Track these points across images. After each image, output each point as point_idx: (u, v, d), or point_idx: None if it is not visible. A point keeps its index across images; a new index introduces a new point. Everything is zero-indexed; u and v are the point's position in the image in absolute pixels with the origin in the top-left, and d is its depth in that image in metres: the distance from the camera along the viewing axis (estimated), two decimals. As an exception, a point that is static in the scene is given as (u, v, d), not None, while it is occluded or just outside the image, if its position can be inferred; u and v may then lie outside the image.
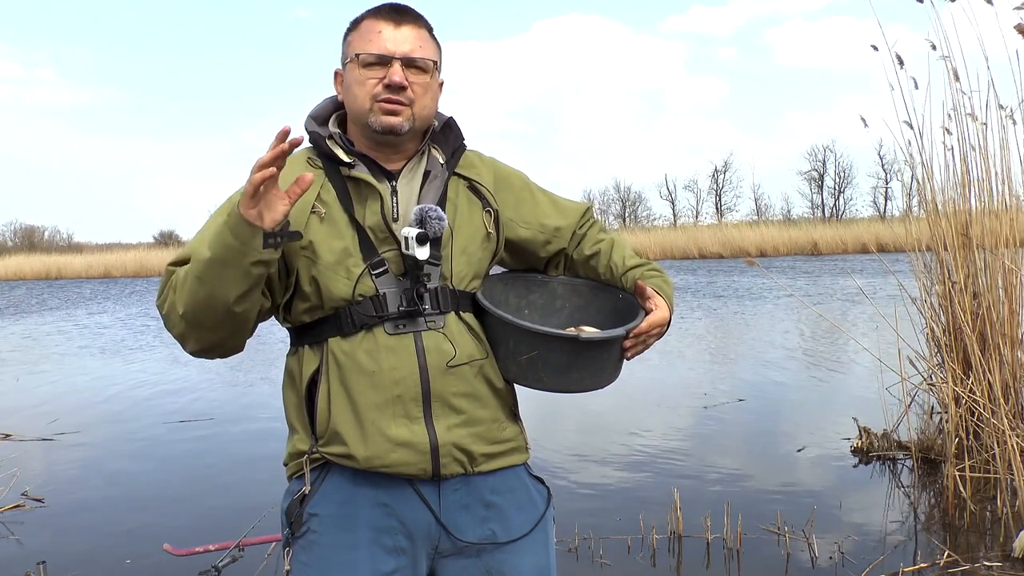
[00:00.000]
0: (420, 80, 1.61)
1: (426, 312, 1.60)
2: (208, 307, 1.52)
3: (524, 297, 1.81)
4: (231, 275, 1.48)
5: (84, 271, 41.89)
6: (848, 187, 58.80)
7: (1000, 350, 4.66)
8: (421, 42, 1.62)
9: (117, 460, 6.03)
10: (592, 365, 1.64)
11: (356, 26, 1.65)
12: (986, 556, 3.71)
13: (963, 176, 4.92)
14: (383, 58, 1.59)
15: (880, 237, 29.28)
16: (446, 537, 1.62)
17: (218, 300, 1.50)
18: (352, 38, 1.64)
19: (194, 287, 1.51)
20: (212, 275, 1.49)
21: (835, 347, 10.22)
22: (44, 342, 14.21)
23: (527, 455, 1.75)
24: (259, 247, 1.46)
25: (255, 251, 1.46)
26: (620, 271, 1.79)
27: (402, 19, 1.62)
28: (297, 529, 1.63)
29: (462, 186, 1.71)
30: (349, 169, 1.62)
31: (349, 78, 1.63)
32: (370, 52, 1.60)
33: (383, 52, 1.59)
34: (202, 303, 1.51)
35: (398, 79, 1.58)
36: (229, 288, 1.49)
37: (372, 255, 1.60)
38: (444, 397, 1.59)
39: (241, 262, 1.47)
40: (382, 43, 1.60)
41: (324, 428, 1.60)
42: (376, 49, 1.59)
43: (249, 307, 1.55)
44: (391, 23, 1.61)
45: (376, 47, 1.60)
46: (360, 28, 1.63)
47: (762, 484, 4.89)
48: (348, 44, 1.65)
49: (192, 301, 1.52)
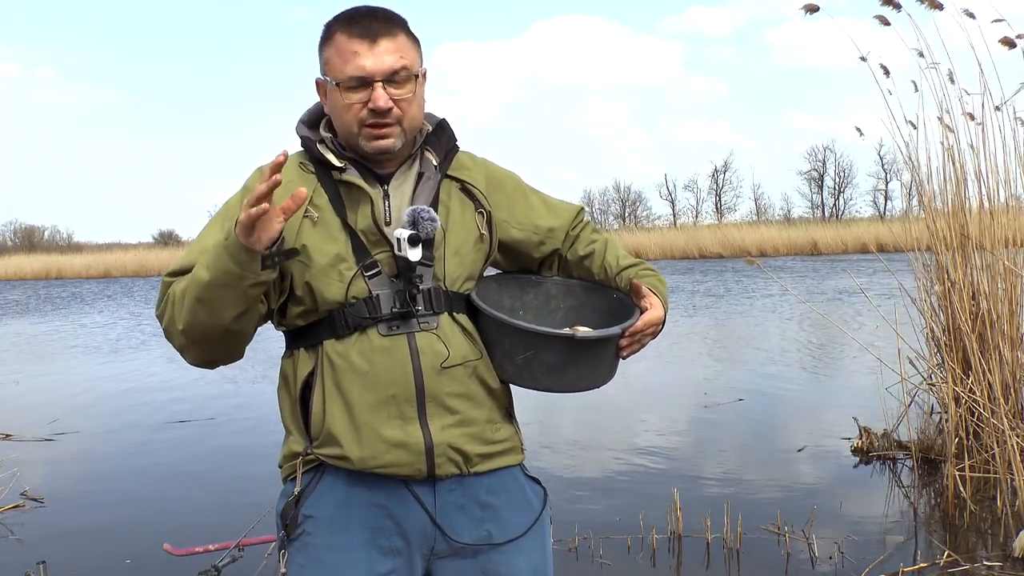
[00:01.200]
0: (404, 93, 1.58)
1: (419, 313, 1.59)
2: (208, 326, 1.53)
3: (519, 298, 1.81)
4: (230, 297, 1.49)
5: (84, 271, 41.89)
6: (848, 187, 58.92)
7: (1000, 350, 4.66)
8: (400, 52, 1.58)
9: (117, 460, 6.03)
10: (588, 364, 1.64)
11: (330, 39, 1.59)
12: (986, 556, 3.71)
13: (960, 176, 4.92)
14: (363, 80, 1.55)
15: (880, 237, 29.19)
16: (442, 538, 1.62)
17: (217, 320, 1.52)
18: (328, 55, 1.59)
19: (193, 307, 1.52)
20: (211, 297, 1.50)
21: (835, 347, 10.23)
22: (44, 342, 14.22)
23: (522, 456, 1.75)
24: (257, 270, 1.47)
25: (253, 274, 1.47)
26: (614, 271, 1.79)
27: (375, 33, 1.56)
28: (292, 531, 1.63)
29: (454, 188, 1.70)
30: (340, 173, 1.61)
31: (332, 99, 1.60)
32: (350, 76, 1.56)
33: (362, 75, 1.55)
34: (202, 323, 1.53)
35: (383, 104, 1.55)
36: (228, 309, 1.51)
37: (365, 258, 1.60)
38: (438, 397, 1.59)
39: (240, 285, 1.48)
40: (360, 64, 1.55)
41: (319, 430, 1.60)
42: (355, 72, 1.55)
43: (248, 322, 1.57)
44: (366, 40, 1.55)
45: (354, 69, 1.55)
46: (335, 44, 1.58)
47: (762, 484, 4.89)
48: (325, 60, 1.60)
49: (192, 320, 1.53)
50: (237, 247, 1.44)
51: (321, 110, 1.70)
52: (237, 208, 1.60)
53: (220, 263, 1.47)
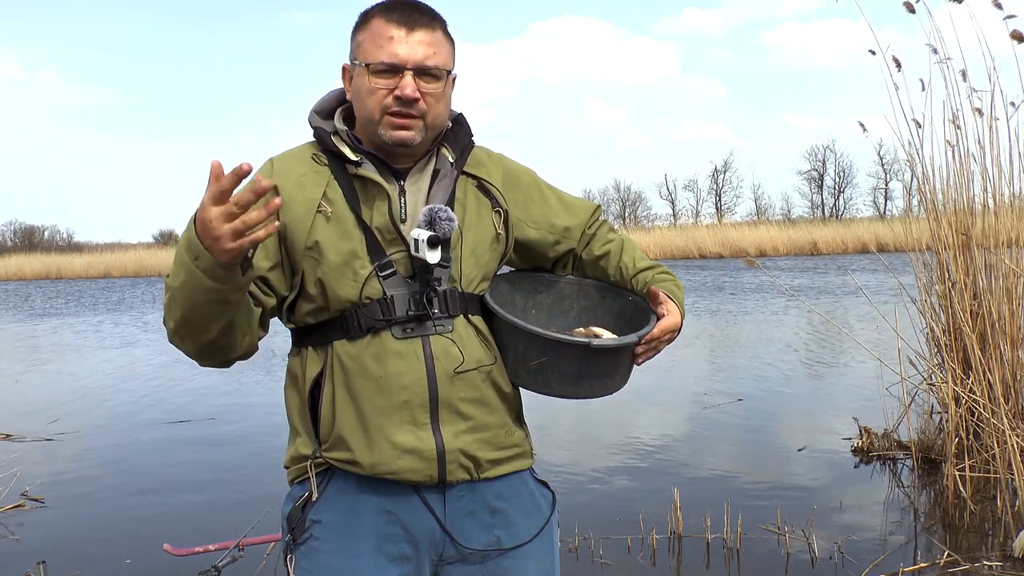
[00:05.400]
0: (433, 89, 1.54)
1: (435, 316, 1.55)
2: (208, 341, 1.49)
3: (531, 297, 1.77)
4: (219, 310, 1.44)
5: (84, 271, 41.87)
6: (848, 187, 58.88)
7: (1000, 350, 4.65)
8: (435, 47, 1.54)
9: (117, 460, 6.02)
10: (603, 372, 1.60)
11: (366, 23, 1.56)
12: (986, 556, 3.70)
13: (967, 174, 4.92)
14: (394, 67, 1.51)
15: (880, 237, 29.21)
16: (451, 544, 1.59)
17: (213, 331, 1.47)
18: (362, 38, 1.55)
19: (187, 327, 1.47)
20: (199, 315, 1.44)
21: (835, 347, 10.22)
22: (44, 342, 14.21)
23: (532, 460, 1.71)
24: (240, 278, 1.41)
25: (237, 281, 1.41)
26: (630, 273, 1.76)
27: (415, 22, 1.53)
28: (299, 535, 1.60)
29: (471, 185, 1.65)
30: (356, 167, 1.56)
31: (358, 83, 1.55)
32: (380, 60, 1.51)
33: (394, 61, 1.51)
34: (203, 341, 1.49)
35: (410, 92, 1.50)
36: (219, 320, 1.45)
37: (380, 257, 1.55)
38: (452, 403, 1.55)
39: (228, 296, 1.42)
40: (393, 50, 1.51)
41: (328, 433, 1.56)
42: (387, 57, 1.51)
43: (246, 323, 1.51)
44: (403, 27, 1.52)
45: (387, 55, 1.51)
46: (370, 28, 1.54)
47: (762, 484, 4.88)
48: (357, 44, 1.56)
49: (191, 337, 1.49)
50: (215, 267, 1.36)
51: (335, 100, 1.65)
52: None
53: (201, 288, 1.39)
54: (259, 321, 1.57)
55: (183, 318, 1.46)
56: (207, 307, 1.43)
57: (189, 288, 1.40)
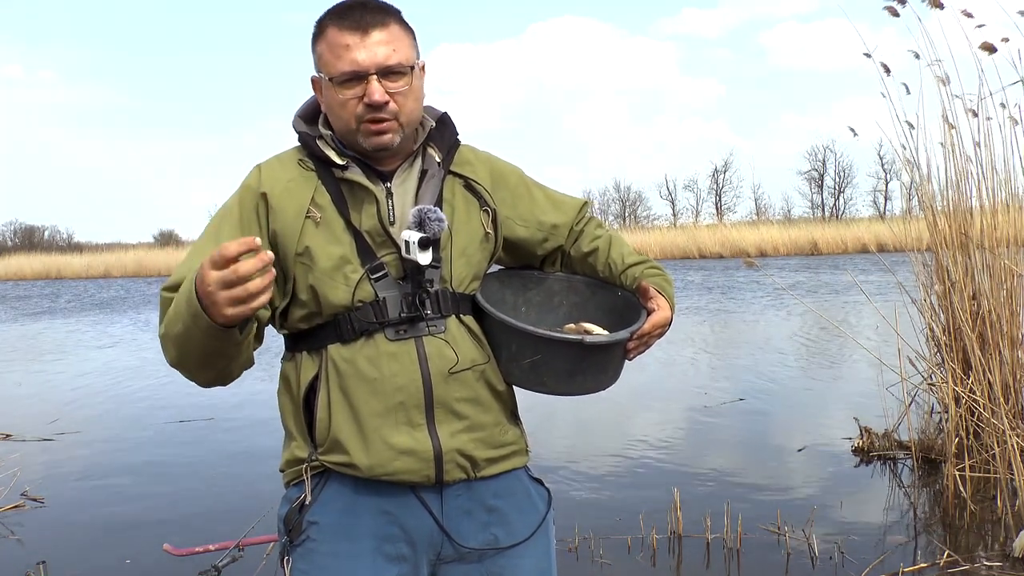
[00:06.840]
0: (400, 86, 1.53)
1: (427, 317, 1.56)
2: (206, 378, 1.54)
3: (521, 295, 1.78)
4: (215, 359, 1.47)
5: (84, 271, 41.87)
6: (848, 187, 58.90)
7: (1000, 350, 4.65)
8: (394, 44, 1.53)
9: (117, 460, 6.03)
10: (595, 368, 1.61)
11: (322, 34, 1.55)
12: (986, 556, 3.70)
13: (962, 174, 4.92)
14: (357, 74, 1.51)
15: (880, 237, 29.25)
16: (448, 543, 1.60)
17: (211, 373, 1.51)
18: (321, 49, 1.55)
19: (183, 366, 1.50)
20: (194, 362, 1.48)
21: (835, 347, 10.22)
22: (44, 342, 14.22)
23: (527, 457, 1.72)
24: (238, 336, 1.42)
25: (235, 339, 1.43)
26: (619, 268, 1.76)
27: (367, 24, 1.51)
28: (296, 537, 1.60)
29: (458, 185, 1.65)
30: (342, 171, 1.56)
31: (328, 96, 1.55)
32: (342, 71, 1.51)
33: (356, 68, 1.50)
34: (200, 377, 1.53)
35: (378, 97, 1.50)
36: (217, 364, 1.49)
37: (370, 260, 1.55)
38: (447, 403, 1.56)
39: (226, 350, 1.44)
40: (352, 58, 1.50)
41: (324, 436, 1.57)
42: (347, 66, 1.50)
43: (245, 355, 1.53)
44: (357, 32, 1.51)
45: (347, 63, 1.50)
46: (327, 38, 1.54)
47: (762, 484, 4.88)
48: (318, 56, 1.56)
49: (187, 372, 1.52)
50: (214, 328, 1.36)
51: (318, 104, 1.65)
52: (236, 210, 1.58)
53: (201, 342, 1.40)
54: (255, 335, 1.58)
55: (179, 359, 1.49)
56: (204, 357, 1.46)
57: (185, 339, 1.43)
